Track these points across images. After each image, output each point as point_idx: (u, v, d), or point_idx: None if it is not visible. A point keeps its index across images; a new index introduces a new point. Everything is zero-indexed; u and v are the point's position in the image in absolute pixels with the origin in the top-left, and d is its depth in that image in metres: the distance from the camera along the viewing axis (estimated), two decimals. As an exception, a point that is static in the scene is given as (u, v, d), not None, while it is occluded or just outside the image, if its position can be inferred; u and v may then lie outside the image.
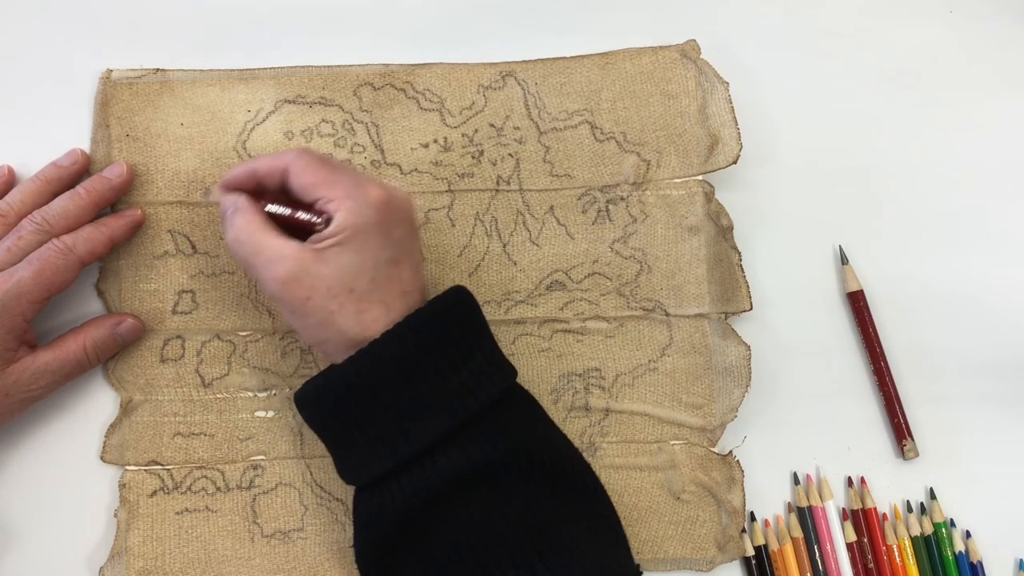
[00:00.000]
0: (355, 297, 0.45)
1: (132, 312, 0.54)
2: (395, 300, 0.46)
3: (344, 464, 0.47)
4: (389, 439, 0.45)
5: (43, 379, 0.51)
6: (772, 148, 0.59)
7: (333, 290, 0.45)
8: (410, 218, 0.48)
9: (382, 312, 0.46)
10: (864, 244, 0.58)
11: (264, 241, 0.46)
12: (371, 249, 0.46)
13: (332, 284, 0.45)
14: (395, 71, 0.57)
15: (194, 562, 0.53)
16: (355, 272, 0.45)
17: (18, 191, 0.53)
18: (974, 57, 0.60)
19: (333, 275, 0.45)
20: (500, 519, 0.44)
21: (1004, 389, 0.57)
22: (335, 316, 0.45)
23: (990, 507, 0.56)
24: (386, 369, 0.45)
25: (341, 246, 0.45)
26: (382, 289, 0.46)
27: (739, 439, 0.56)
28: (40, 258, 0.50)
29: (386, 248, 0.46)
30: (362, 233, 0.45)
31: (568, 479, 0.48)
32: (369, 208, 0.46)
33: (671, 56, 0.57)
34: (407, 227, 0.48)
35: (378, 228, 0.46)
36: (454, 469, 0.44)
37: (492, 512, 0.44)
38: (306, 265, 0.45)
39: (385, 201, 0.46)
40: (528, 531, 0.44)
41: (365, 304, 0.46)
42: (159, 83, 0.56)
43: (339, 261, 0.45)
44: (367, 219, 0.46)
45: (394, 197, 0.47)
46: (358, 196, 0.46)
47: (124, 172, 0.54)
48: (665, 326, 0.55)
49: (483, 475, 0.45)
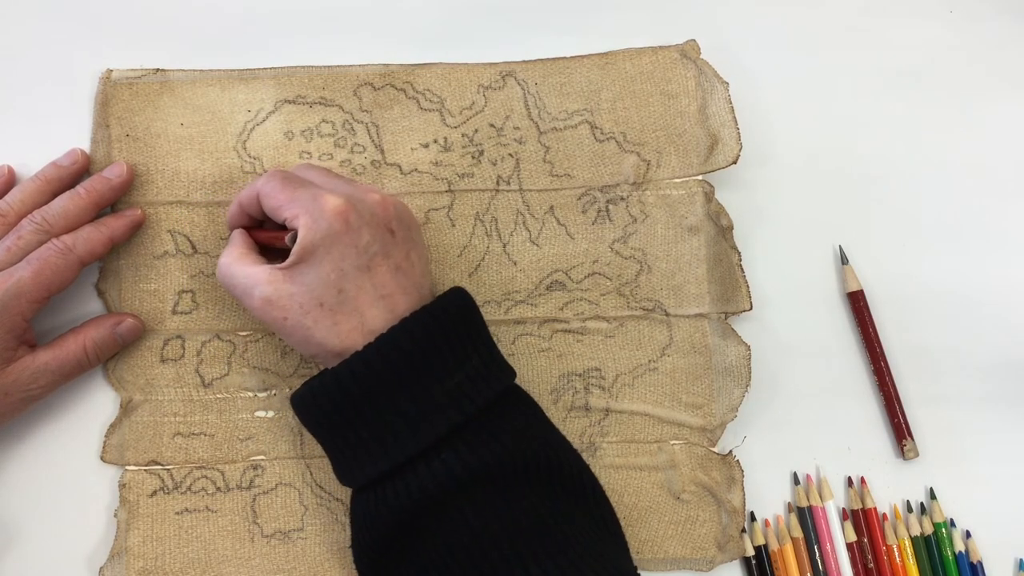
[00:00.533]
0: (327, 311, 0.46)
1: (132, 312, 0.54)
2: (370, 307, 0.46)
3: (340, 467, 0.47)
4: (384, 442, 0.45)
5: (42, 379, 0.51)
6: (772, 148, 0.59)
7: (305, 307, 0.46)
8: (383, 221, 0.48)
9: (357, 322, 0.46)
10: (864, 244, 0.58)
11: (239, 271, 0.47)
12: (334, 261, 0.46)
13: (303, 301, 0.46)
14: (395, 71, 0.57)
15: (194, 562, 0.53)
16: (322, 286, 0.46)
17: (18, 191, 0.53)
18: (974, 57, 0.60)
19: (302, 292, 0.46)
20: (496, 522, 0.44)
21: (1004, 389, 0.57)
22: (312, 332, 0.46)
23: (990, 507, 0.56)
24: (381, 372, 0.45)
25: (305, 263, 0.46)
26: (353, 299, 0.46)
27: (739, 439, 0.56)
28: (40, 258, 0.50)
29: (351, 256, 0.46)
30: (323, 247, 0.46)
31: (566, 481, 0.48)
32: (326, 220, 0.46)
33: (671, 56, 0.57)
34: (377, 231, 0.47)
35: (339, 238, 0.46)
36: (449, 472, 0.44)
37: (488, 515, 0.44)
38: (278, 286, 0.46)
39: (344, 210, 0.46)
40: (524, 533, 0.44)
41: (339, 316, 0.46)
42: (159, 83, 0.56)
43: (305, 278, 0.46)
44: (325, 232, 0.46)
45: (360, 202, 0.47)
46: (314, 210, 0.46)
47: (124, 172, 0.54)
48: (665, 326, 0.55)
49: (479, 478, 0.45)
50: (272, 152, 0.56)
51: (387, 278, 0.47)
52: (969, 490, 0.56)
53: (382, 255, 0.47)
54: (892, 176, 0.59)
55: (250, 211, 0.50)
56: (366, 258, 0.47)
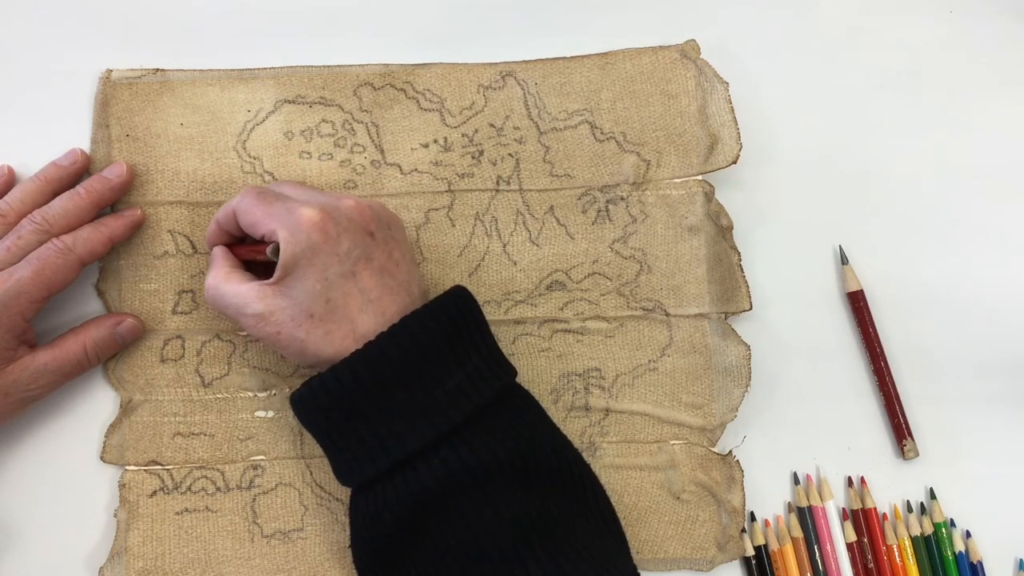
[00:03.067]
0: (317, 321, 0.46)
1: (132, 312, 0.54)
2: (359, 312, 0.47)
3: (340, 466, 0.47)
4: (384, 440, 0.45)
5: (42, 379, 0.51)
6: (772, 148, 0.59)
7: (296, 319, 0.46)
8: (361, 225, 0.48)
9: (348, 329, 0.46)
10: (864, 244, 0.58)
11: (230, 291, 0.48)
12: (318, 271, 0.46)
13: (294, 314, 0.46)
14: (395, 71, 0.57)
15: (194, 562, 0.53)
16: (309, 298, 0.46)
17: (18, 191, 0.53)
18: (974, 57, 0.60)
19: (292, 305, 0.46)
20: (495, 520, 0.44)
21: (1004, 389, 0.57)
22: (306, 343, 0.46)
23: (990, 507, 0.56)
24: (383, 369, 0.45)
25: (290, 276, 0.46)
26: (341, 307, 0.47)
27: (739, 439, 0.56)
28: (40, 258, 0.50)
29: (334, 265, 0.47)
30: (304, 259, 0.46)
31: (567, 480, 0.48)
32: (303, 232, 0.46)
33: (671, 56, 0.57)
34: (357, 236, 0.48)
35: (319, 248, 0.46)
36: (450, 470, 0.44)
37: (488, 513, 0.44)
38: (268, 302, 0.47)
39: (321, 220, 0.47)
40: (524, 532, 0.44)
41: (330, 325, 0.46)
42: (159, 83, 0.56)
43: (292, 292, 0.46)
44: (304, 244, 0.46)
45: (336, 209, 0.48)
46: (291, 224, 0.46)
47: (124, 172, 0.54)
48: (665, 326, 0.55)
49: (479, 476, 0.45)
50: (272, 152, 0.56)
51: (373, 282, 0.48)
52: (969, 490, 0.56)
53: (364, 259, 0.48)
54: (892, 176, 0.59)
55: (228, 228, 0.50)
56: (349, 264, 0.47)
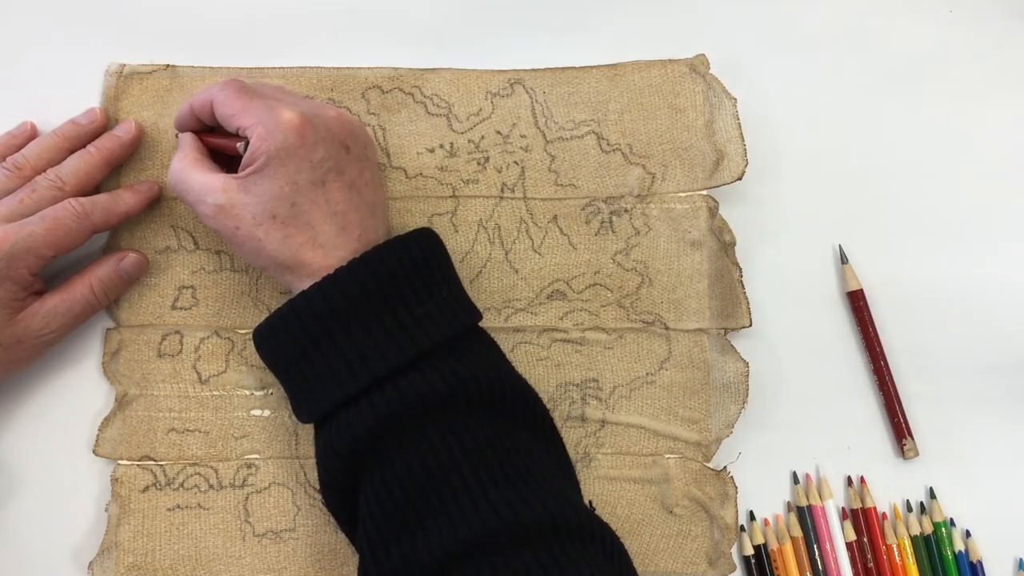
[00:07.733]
0: (278, 223, 0.46)
1: (131, 309, 0.54)
2: (323, 222, 0.47)
3: (305, 396, 0.47)
4: (352, 364, 0.45)
5: (54, 322, 0.51)
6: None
7: (257, 218, 0.46)
8: (339, 137, 0.48)
9: (308, 236, 0.47)
10: (864, 244, 0.58)
11: (194, 177, 0.48)
12: (288, 173, 0.46)
13: (255, 212, 0.46)
14: (404, 75, 0.57)
15: (184, 559, 0.53)
16: (274, 198, 0.46)
17: (35, 145, 0.53)
18: (974, 57, 0.60)
19: (255, 203, 0.46)
20: (458, 445, 0.44)
21: (1004, 389, 0.57)
22: (263, 244, 0.47)
23: (990, 507, 0.56)
24: (355, 293, 0.45)
25: (258, 173, 0.46)
26: (306, 213, 0.47)
27: (734, 455, 0.56)
28: (54, 216, 0.50)
29: (306, 171, 0.47)
30: (276, 158, 0.46)
31: (528, 419, 0.48)
32: (281, 132, 0.46)
33: (680, 70, 0.57)
34: (332, 147, 0.48)
35: (294, 151, 0.46)
36: (416, 393, 0.44)
37: (451, 439, 0.44)
38: (231, 195, 0.47)
39: (300, 124, 0.47)
40: (486, 459, 0.44)
41: (290, 229, 0.47)
42: (169, 79, 0.56)
43: (258, 189, 0.46)
44: (279, 143, 0.46)
45: (316, 116, 0.48)
46: (269, 121, 0.46)
47: (133, 129, 0.54)
48: (664, 340, 0.55)
49: (444, 402, 0.45)
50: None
51: (341, 195, 0.48)
52: (969, 490, 0.57)
53: (336, 171, 0.48)
54: (892, 176, 0.59)
55: (201, 116, 0.50)
56: (320, 173, 0.47)
